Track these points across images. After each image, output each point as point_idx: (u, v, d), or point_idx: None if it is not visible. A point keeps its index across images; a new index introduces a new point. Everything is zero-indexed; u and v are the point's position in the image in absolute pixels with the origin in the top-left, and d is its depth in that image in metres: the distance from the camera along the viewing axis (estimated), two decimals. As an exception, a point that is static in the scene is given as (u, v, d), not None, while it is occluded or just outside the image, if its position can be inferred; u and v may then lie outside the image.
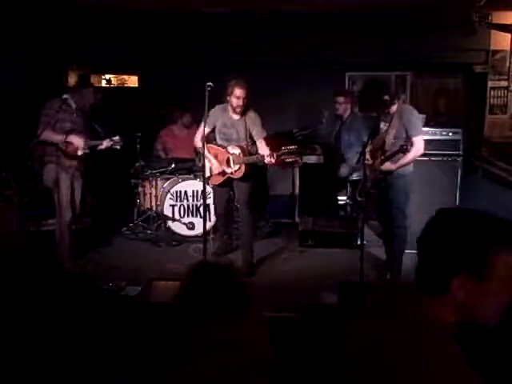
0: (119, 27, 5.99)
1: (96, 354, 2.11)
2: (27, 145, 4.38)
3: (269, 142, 4.68)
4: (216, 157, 4.74)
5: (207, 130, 4.59)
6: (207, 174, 4.79)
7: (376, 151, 4.43)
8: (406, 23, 5.92)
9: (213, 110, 4.60)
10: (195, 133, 6.28)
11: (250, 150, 4.68)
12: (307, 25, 5.92)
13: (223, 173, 4.72)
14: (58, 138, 4.52)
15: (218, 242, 5.30)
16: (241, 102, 4.49)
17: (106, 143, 4.73)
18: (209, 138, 4.81)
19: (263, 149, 4.59)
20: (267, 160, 4.42)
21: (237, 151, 4.61)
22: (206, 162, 4.74)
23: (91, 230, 5.43)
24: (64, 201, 4.65)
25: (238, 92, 4.45)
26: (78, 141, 4.55)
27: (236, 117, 4.63)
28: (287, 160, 4.48)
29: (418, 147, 4.25)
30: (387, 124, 4.36)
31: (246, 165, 4.60)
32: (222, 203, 4.98)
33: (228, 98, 4.53)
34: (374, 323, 1.31)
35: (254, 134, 4.63)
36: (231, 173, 4.67)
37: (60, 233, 4.70)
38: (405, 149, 4.10)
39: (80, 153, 4.60)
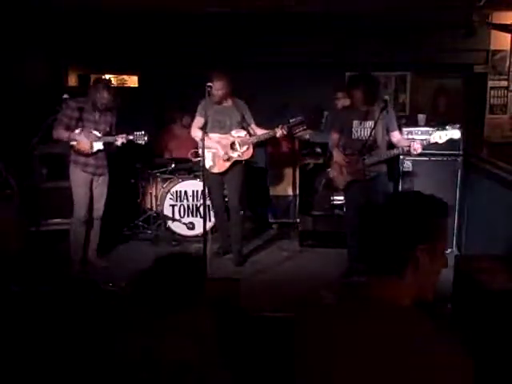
0: (119, 27, 5.99)
1: (95, 353, 2.11)
2: (28, 144, 4.39)
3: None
4: (219, 144, 4.86)
5: (202, 120, 4.84)
6: (210, 163, 4.90)
7: (361, 148, 4.39)
8: (406, 23, 5.92)
9: (202, 101, 4.80)
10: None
11: (252, 132, 4.93)
12: (307, 25, 5.92)
13: (228, 158, 4.84)
14: (67, 136, 4.55)
15: (218, 241, 5.29)
16: (220, 93, 4.73)
17: (120, 139, 4.68)
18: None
19: (259, 130, 4.88)
20: (279, 133, 4.67)
21: (242, 133, 4.83)
22: (206, 151, 4.85)
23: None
24: (77, 198, 4.68)
25: (217, 84, 4.65)
26: (86, 138, 4.55)
27: (226, 104, 4.85)
28: (298, 132, 4.78)
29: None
30: (364, 121, 4.39)
31: (254, 146, 4.87)
32: (218, 198, 5.07)
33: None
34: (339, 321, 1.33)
35: (246, 117, 4.88)
36: (238, 155, 4.84)
37: (71, 230, 4.75)
38: (408, 151, 4.26)
39: (93, 150, 4.61)
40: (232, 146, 4.82)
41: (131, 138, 4.69)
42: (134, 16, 5.74)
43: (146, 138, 4.73)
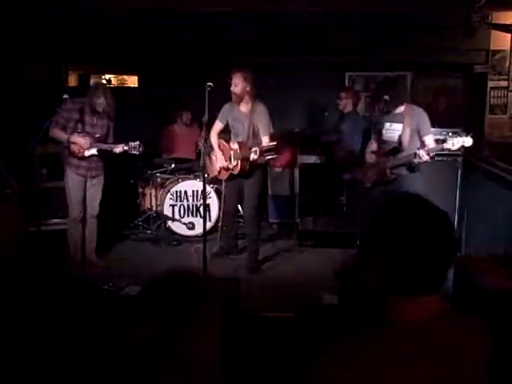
0: (119, 27, 5.99)
1: (94, 353, 2.11)
2: (28, 144, 4.39)
3: (274, 138, 4.62)
4: (223, 152, 4.84)
5: (221, 125, 4.75)
6: (217, 168, 4.89)
7: (387, 151, 4.44)
8: (406, 23, 5.92)
9: (225, 106, 4.70)
10: (195, 131, 6.30)
11: (250, 145, 4.59)
12: (307, 25, 5.92)
13: (227, 168, 4.81)
14: (63, 136, 4.55)
15: (221, 242, 5.26)
16: (235, 89, 4.51)
17: (118, 148, 4.66)
18: (224, 134, 4.92)
19: (264, 144, 4.54)
20: (251, 157, 4.41)
21: (235, 146, 4.66)
22: (212, 156, 4.89)
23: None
24: (70, 199, 4.70)
25: (233, 77, 4.51)
26: (81, 141, 4.56)
27: (244, 110, 4.64)
28: (267, 157, 4.52)
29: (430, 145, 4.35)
30: (394, 124, 4.39)
31: (243, 161, 4.58)
32: (231, 201, 4.98)
33: None
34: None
35: (260, 129, 4.61)
36: (232, 168, 4.74)
37: (68, 230, 4.78)
38: (415, 156, 4.19)
39: (86, 154, 4.61)
40: (229, 157, 4.75)
41: (126, 148, 4.67)
42: (134, 16, 5.74)
43: (140, 149, 4.68)
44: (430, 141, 4.34)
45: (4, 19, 5.28)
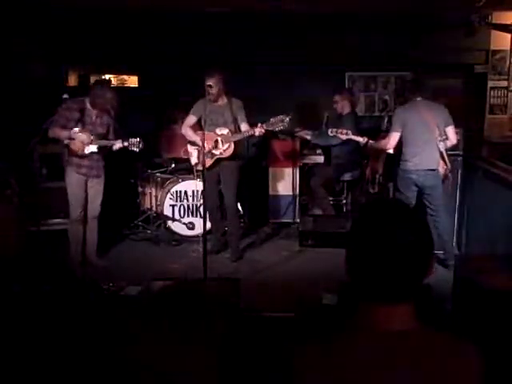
0: (119, 27, 5.99)
1: (95, 354, 2.11)
2: (28, 144, 4.39)
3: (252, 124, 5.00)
4: (203, 141, 4.87)
5: (194, 119, 5.02)
6: (195, 160, 5.08)
7: None
8: (406, 23, 5.92)
9: (199, 100, 4.93)
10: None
11: (237, 130, 4.97)
12: (307, 25, 5.92)
13: (211, 155, 4.94)
14: (63, 135, 4.54)
15: (211, 240, 5.23)
16: (211, 90, 4.76)
17: (118, 144, 4.67)
18: (195, 128, 5.15)
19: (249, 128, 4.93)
20: (257, 132, 4.72)
21: (225, 131, 4.91)
22: (193, 148, 5.09)
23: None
24: (71, 198, 4.69)
25: (207, 81, 4.74)
26: (81, 137, 4.55)
27: (221, 103, 4.92)
28: (276, 128, 4.80)
29: (386, 140, 4.79)
30: None
31: (235, 144, 4.93)
32: (213, 196, 5.06)
33: None
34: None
35: (239, 118, 4.93)
36: (220, 153, 4.93)
37: (69, 230, 4.78)
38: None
39: (87, 151, 4.60)
40: (215, 143, 4.91)
41: (126, 144, 4.68)
42: (134, 16, 5.74)
43: (140, 146, 4.70)
44: (388, 137, 4.79)
45: (4, 19, 5.28)
